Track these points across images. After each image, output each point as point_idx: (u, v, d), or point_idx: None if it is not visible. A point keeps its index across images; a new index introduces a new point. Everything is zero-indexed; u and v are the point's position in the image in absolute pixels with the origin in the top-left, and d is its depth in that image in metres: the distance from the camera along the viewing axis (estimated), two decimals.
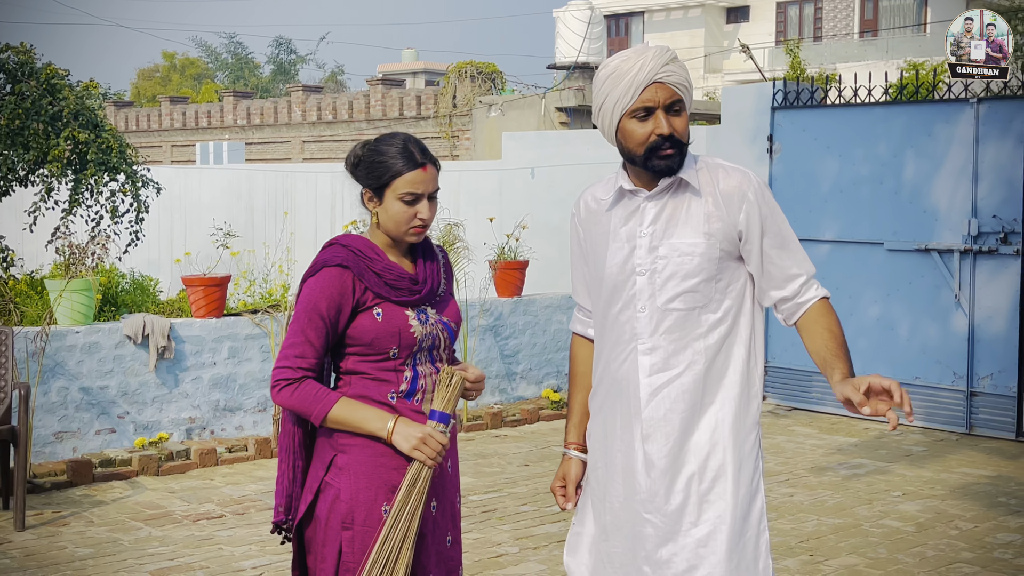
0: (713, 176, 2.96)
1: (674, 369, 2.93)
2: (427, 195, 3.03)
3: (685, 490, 2.91)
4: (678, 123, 2.93)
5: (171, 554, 5.70)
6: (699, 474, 2.91)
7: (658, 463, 2.92)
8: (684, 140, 2.93)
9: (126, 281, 12.13)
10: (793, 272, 2.97)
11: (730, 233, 2.94)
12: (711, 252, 2.92)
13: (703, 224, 2.93)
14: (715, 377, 2.94)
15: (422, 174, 3.01)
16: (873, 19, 39.32)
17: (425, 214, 3.02)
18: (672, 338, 2.93)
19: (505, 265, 9.47)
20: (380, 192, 3.02)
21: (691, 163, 2.97)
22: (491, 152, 20.03)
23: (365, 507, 2.95)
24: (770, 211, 2.96)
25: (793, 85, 9.82)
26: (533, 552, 5.77)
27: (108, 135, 11.61)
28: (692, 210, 2.95)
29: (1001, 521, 6.38)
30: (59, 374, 7.19)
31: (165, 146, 31.81)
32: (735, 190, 2.94)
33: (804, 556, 5.73)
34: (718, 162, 3.00)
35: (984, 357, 8.56)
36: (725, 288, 2.96)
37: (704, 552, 2.88)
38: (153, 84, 58.76)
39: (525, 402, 9.47)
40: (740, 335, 2.98)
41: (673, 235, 2.94)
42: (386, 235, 3.07)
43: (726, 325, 2.96)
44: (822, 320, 2.95)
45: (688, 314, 2.93)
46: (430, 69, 58.47)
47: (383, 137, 3.06)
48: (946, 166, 8.75)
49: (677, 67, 2.93)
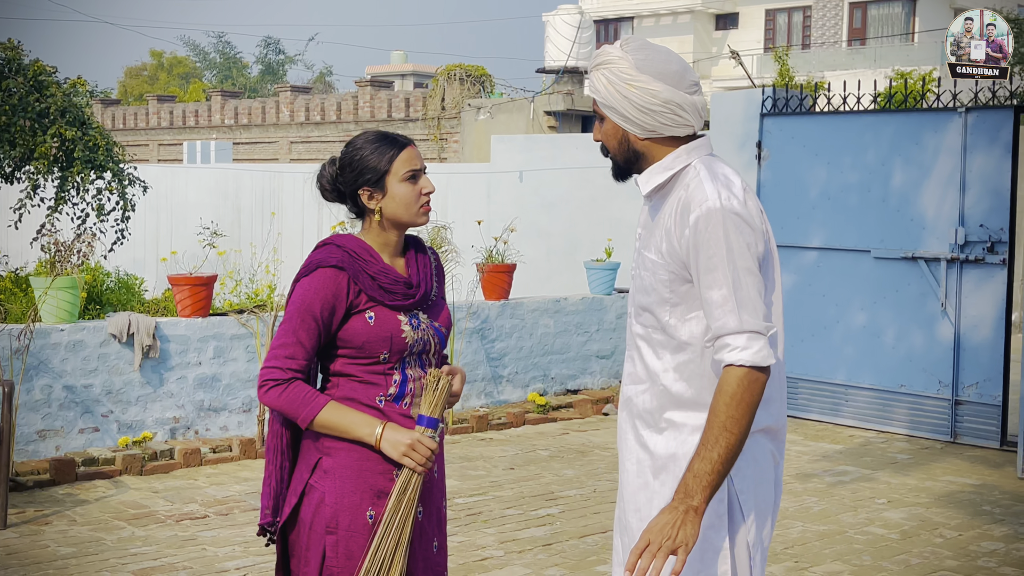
0: (686, 190, 2.75)
1: (640, 384, 2.88)
2: (423, 170, 3.06)
3: (637, 501, 2.87)
4: (602, 132, 2.88)
5: (154, 554, 5.67)
6: (653, 500, 2.83)
7: (629, 467, 2.92)
8: (608, 150, 2.88)
9: (111, 280, 12.08)
10: (715, 317, 2.64)
11: (677, 254, 2.72)
12: (659, 272, 2.76)
13: (659, 241, 2.79)
14: (672, 403, 2.80)
15: (412, 151, 3.05)
16: (861, 27, 39.46)
17: (428, 187, 3.05)
18: (641, 353, 2.87)
19: (493, 268, 9.46)
20: (380, 182, 3.01)
21: (661, 171, 2.82)
22: (479, 155, 20.03)
23: (350, 511, 2.93)
24: (707, 240, 2.64)
25: (782, 92, 9.83)
26: (518, 556, 5.76)
27: (95, 133, 11.58)
28: (659, 224, 2.80)
29: (985, 529, 6.39)
30: (43, 372, 7.14)
31: (152, 145, 31.72)
32: (687, 207, 2.70)
33: (789, 563, 5.73)
34: (705, 173, 2.75)
35: (969, 366, 8.58)
36: (683, 315, 2.75)
37: None
38: (141, 83, 58.60)
39: (511, 405, 9.45)
40: (706, 368, 2.75)
41: (647, 247, 2.85)
42: (394, 226, 3.04)
43: (686, 354, 2.76)
44: (712, 400, 2.63)
45: (651, 332, 2.83)
46: (419, 71, 58.46)
47: (351, 141, 3.09)
48: (934, 175, 8.78)
49: (596, 76, 2.81)
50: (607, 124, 2.84)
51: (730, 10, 42.57)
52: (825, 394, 9.34)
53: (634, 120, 2.78)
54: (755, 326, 2.60)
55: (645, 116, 2.77)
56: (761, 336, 2.61)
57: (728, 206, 2.66)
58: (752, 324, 2.60)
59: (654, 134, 2.80)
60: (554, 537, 6.09)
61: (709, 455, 2.57)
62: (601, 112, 2.83)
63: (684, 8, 42.27)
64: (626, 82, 2.75)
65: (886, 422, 9.01)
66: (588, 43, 22.76)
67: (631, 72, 2.75)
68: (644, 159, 2.84)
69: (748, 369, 2.58)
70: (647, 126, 2.78)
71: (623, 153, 2.85)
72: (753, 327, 2.60)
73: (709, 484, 2.57)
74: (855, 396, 9.18)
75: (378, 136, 3.04)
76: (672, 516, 2.56)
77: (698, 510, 2.56)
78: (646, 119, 2.77)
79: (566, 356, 9.95)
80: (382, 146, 3.01)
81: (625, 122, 2.79)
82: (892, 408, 8.97)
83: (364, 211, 3.06)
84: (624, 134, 2.82)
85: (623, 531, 2.95)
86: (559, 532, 6.17)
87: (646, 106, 2.75)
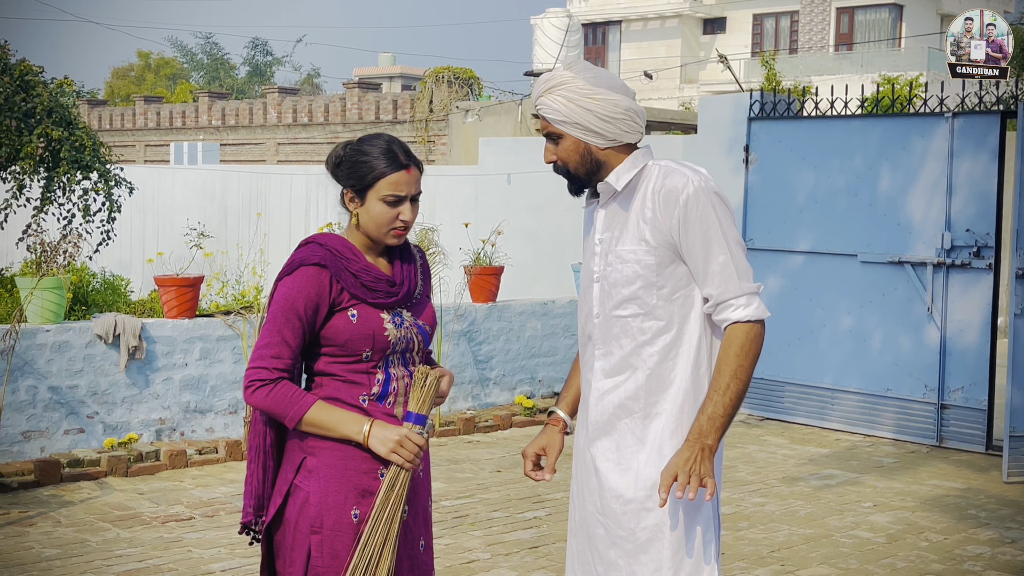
0: (658, 180, 2.96)
1: (619, 376, 3.02)
2: (409, 197, 3.00)
3: (625, 495, 2.98)
4: (559, 151, 3.04)
5: (139, 556, 5.64)
6: (638, 481, 2.97)
7: (601, 466, 3.03)
8: (568, 167, 3.03)
9: (97, 280, 12.04)
10: (715, 284, 2.93)
11: (666, 238, 2.94)
12: (647, 259, 2.96)
13: (641, 231, 2.97)
14: (658, 385, 2.98)
15: (405, 176, 2.98)
16: (848, 33, 39.57)
17: (407, 216, 3.00)
18: (620, 344, 3.02)
19: (480, 271, 9.46)
20: (362, 193, 2.99)
21: (628, 170, 3.00)
22: (467, 157, 20.02)
23: (334, 511, 2.92)
24: (699, 217, 2.91)
25: (770, 96, 9.85)
26: (505, 558, 5.75)
27: (81, 133, 11.54)
28: (634, 217, 2.99)
29: (971, 533, 6.41)
30: (28, 373, 7.11)
31: (139, 146, 31.62)
32: (671, 193, 2.92)
33: (775, 566, 5.74)
34: (671, 165, 2.99)
35: (955, 370, 8.60)
36: (669, 295, 2.97)
37: (644, 559, 2.95)
38: (127, 83, 58.43)
39: (498, 408, 9.44)
40: (687, 343, 2.98)
41: (619, 243, 3.01)
42: (366, 236, 3.04)
43: (671, 333, 2.98)
44: (720, 353, 2.93)
45: (632, 321, 2.99)
46: (407, 73, 58.45)
47: (366, 137, 3.03)
48: (921, 179, 8.80)
49: (552, 98, 2.98)
50: (566, 142, 3.01)
51: (718, 15, 42.64)
52: (812, 398, 9.36)
53: (597, 131, 2.98)
54: (752, 288, 2.94)
55: (608, 125, 2.97)
56: (756, 295, 2.95)
57: (710, 186, 2.95)
58: (749, 287, 2.94)
59: (614, 142, 3.00)
60: (541, 540, 6.08)
61: (722, 399, 2.87)
62: (558, 131, 3.01)
63: (672, 12, 42.32)
64: (587, 96, 2.95)
65: (872, 426, 9.03)
66: (576, 46, 22.78)
67: (589, 88, 2.96)
68: (605, 167, 3.02)
69: (752, 323, 2.92)
70: (609, 135, 2.98)
71: (586, 165, 3.02)
72: (751, 289, 2.94)
73: (721, 426, 2.88)
74: (841, 400, 9.19)
75: (386, 148, 2.99)
76: (691, 452, 2.85)
77: (712, 448, 2.86)
78: (609, 128, 2.98)
79: (553, 359, 9.95)
80: (380, 160, 2.97)
81: (588, 135, 2.98)
82: (878, 412, 8.99)
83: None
84: (586, 147, 3.00)
85: (588, 529, 3.08)
86: (546, 535, 6.17)
87: (610, 115, 2.96)
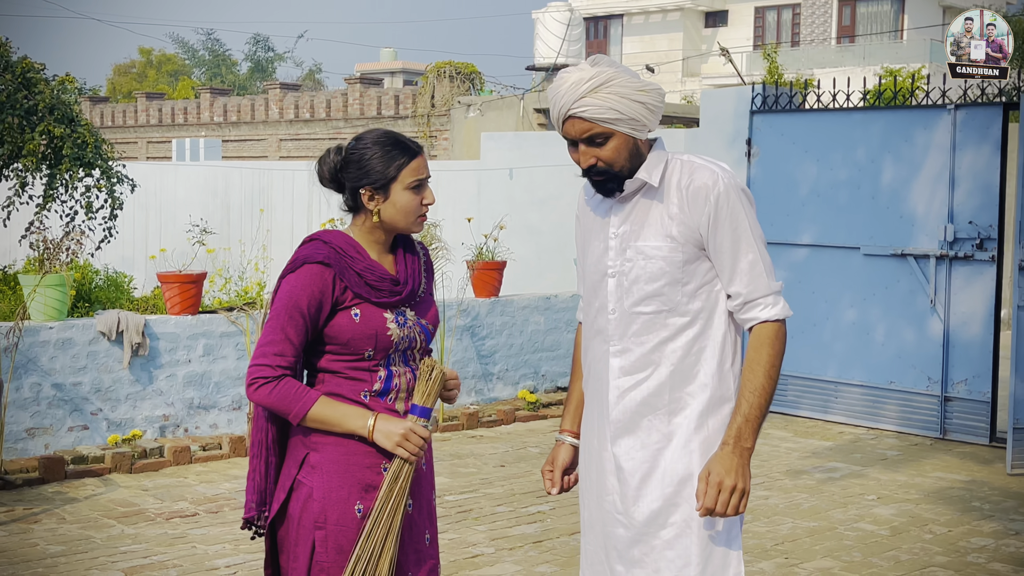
0: (684, 176, 2.91)
1: (641, 372, 2.95)
2: (427, 179, 3.04)
3: (652, 492, 2.93)
4: (604, 153, 2.88)
5: (144, 552, 5.65)
6: (665, 477, 2.92)
7: (625, 465, 2.96)
8: (614, 167, 2.89)
9: (100, 277, 12.04)
10: (744, 283, 2.91)
11: (693, 235, 2.89)
12: (674, 256, 2.90)
13: (667, 227, 2.91)
14: (682, 380, 2.92)
15: (421, 160, 3.02)
16: (850, 25, 39.52)
17: (430, 198, 3.03)
18: (640, 341, 2.94)
19: (483, 266, 9.46)
20: (385, 187, 2.98)
21: (656, 164, 2.92)
22: (469, 152, 20.01)
23: (338, 506, 2.92)
24: (729, 214, 2.87)
25: (772, 89, 9.84)
26: (509, 553, 5.75)
27: (83, 130, 11.54)
28: (658, 213, 2.92)
29: (975, 525, 6.41)
30: (32, 370, 7.12)
31: (141, 142, 31.64)
32: (700, 190, 2.87)
33: (779, 559, 5.74)
34: (695, 161, 2.93)
35: (959, 362, 8.60)
36: (694, 291, 2.92)
37: (671, 555, 2.90)
38: (129, 80, 58.44)
39: (501, 403, 9.45)
40: (711, 338, 2.94)
41: (639, 238, 2.94)
42: (390, 229, 3.03)
43: (695, 328, 2.92)
44: (750, 352, 2.91)
45: (655, 317, 2.93)
46: (408, 69, 58.38)
47: (362, 136, 3.03)
48: (923, 172, 8.79)
49: (600, 97, 2.81)
50: (615, 141, 2.87)
51: (720, 7, 42.59)
52: (815, 391, 9.35)
53: (646, 123, 2.89)
54: (777, 287, 2.94)
55: (653, 116, 2.89)
56: (780, 294, 2.95)
57: (737, 183, 2.91)
58: (776, 286, 2.94)
59: (651, 133, 2.94)
60: (544, 534, 6.09)
61: (758, 400, 2.85)
62: (607, 131, 2.85)
63: (674, 5, 42.27)
64: (638, 89, 2.84)
65: (876, 419, 9.03)
66: (578, 40, 22.77)
67: (634, 80, 2.85)
68: (641, 160, 2.94)
69: (780, 323, 2.92)
70: (651, 125, 2.90)
71: (631, 162, 2.91)
72: (777, 288, 2.94)
73: (757, 428, 2.86)
74: (845, 393, 9.19)
75: (390, 139, 3.00)
76: (732, 462, 2.81)
77: (751, 451, 2.84)
78: (653, 118, 2.89)
79: (556, 353, 9.95)
80: (393, 151, 2.97)
81: (638, 129, 2.88)
82: (882, 405, 8.99)
83: (360, 208, 3.03)
84: (635, 143, 2.90)
85: (605, 526, 3.03)
86: (550, 529, 6.17)
87: (656, 106, 2.88)
